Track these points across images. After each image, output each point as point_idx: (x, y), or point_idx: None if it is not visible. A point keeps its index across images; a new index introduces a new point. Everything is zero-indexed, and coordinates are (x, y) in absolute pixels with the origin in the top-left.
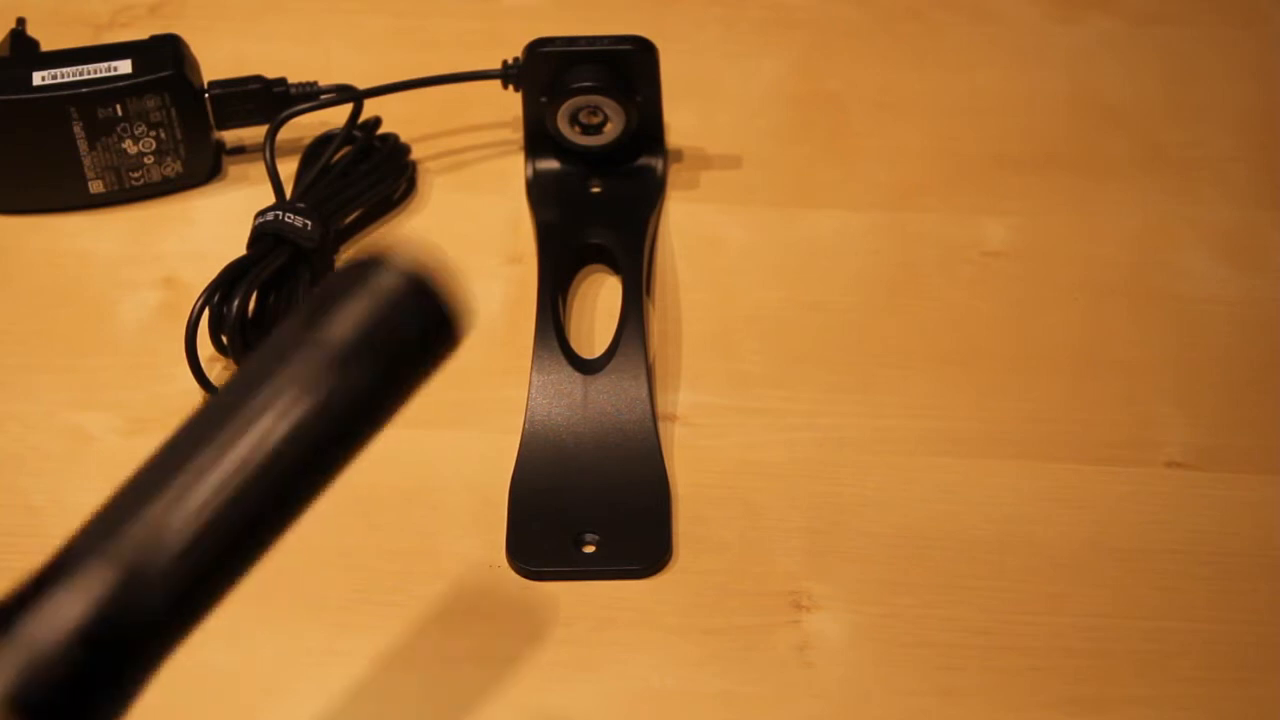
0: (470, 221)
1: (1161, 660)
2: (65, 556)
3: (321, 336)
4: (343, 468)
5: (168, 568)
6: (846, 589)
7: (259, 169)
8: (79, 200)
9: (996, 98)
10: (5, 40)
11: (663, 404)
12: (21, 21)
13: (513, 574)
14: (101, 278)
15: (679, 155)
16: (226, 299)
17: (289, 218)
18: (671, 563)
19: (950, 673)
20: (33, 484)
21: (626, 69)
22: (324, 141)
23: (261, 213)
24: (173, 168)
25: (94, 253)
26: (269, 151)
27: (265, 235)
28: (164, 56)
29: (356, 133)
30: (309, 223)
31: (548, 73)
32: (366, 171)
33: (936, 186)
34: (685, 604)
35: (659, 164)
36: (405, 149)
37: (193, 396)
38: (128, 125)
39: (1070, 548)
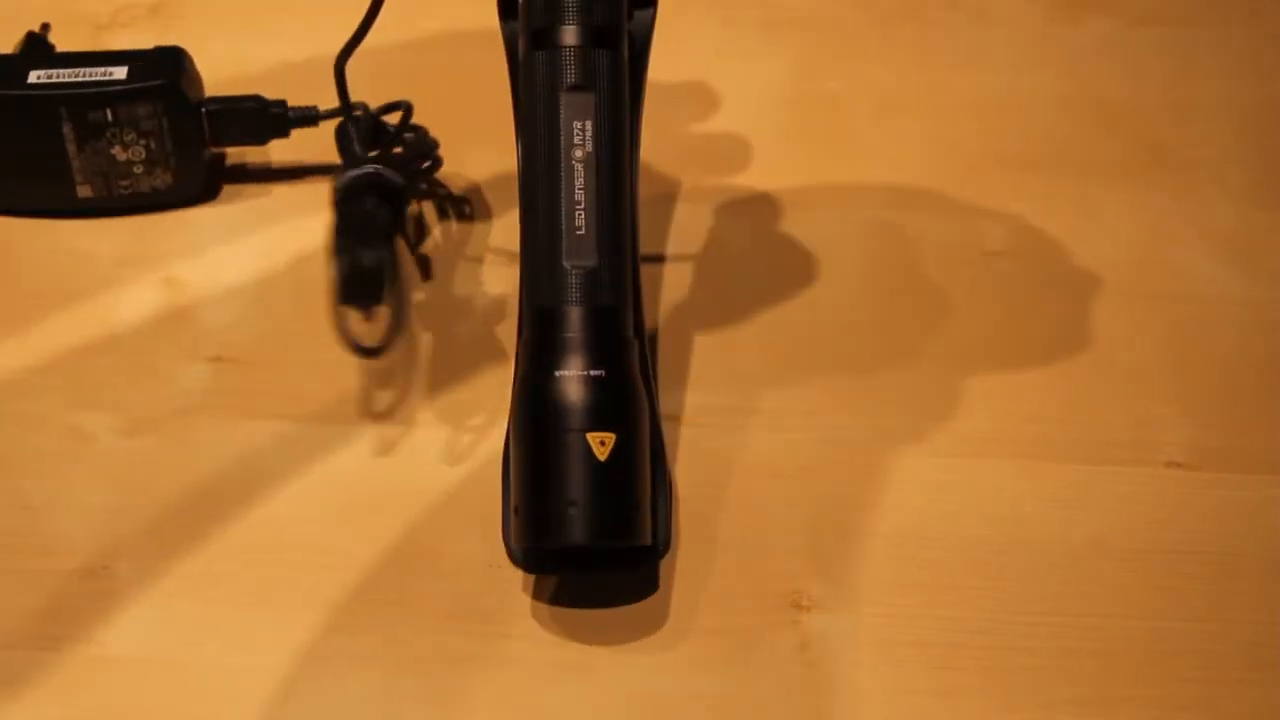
0: (471, 221)
1: (1161, 660)
2: None
3: None
4: None
5: None
6: (846, 589)
7: (255, 189)
8: (67, 203)
9: (996, 98)
10: (21, 40)
11: (665, 405)
12: (45, 27)
13: (512, 574)
14: (101, 278)
15: (679, 155)
16: (364, 250)
17: (374, 168)
18: (672, 563)
19: (950, 673)
20: (33, 484)
21: None
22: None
23: (341, 173)
24: (162, 179)
25: (94, 253)
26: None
27: (359, 187)
28: (162, 66)
29: (385, 121)
30: (375, 167)
31: None
32: (409, 154)
33: (936, 186)
34: (685, 604)
35: (649, 13)
36: (434, 143)
37: (193, 396)
38: (117, 131)
39: (1070, 548)
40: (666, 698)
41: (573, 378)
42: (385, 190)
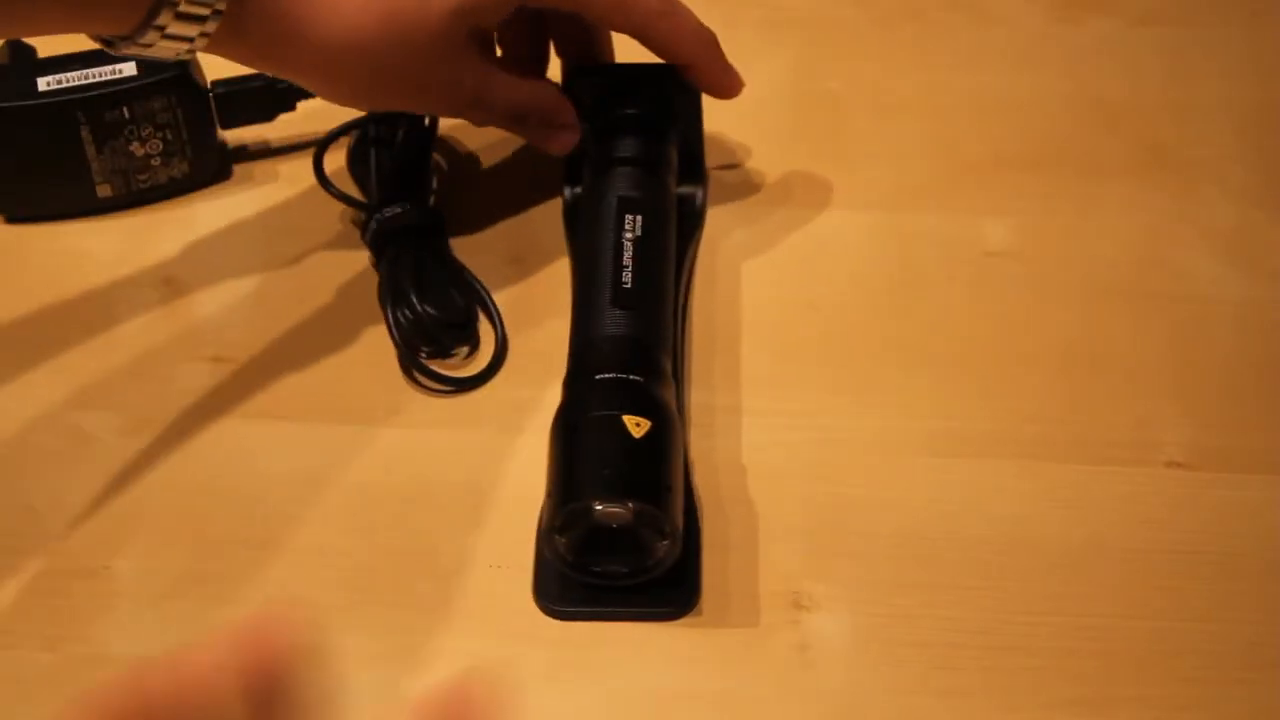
0: (472, 220)
1: (1161, 660)
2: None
3: None
4: None
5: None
6: (846, 589)
7: (263, 169)
8: (87, 204)
9: (996, 98)
10: (2, 48)
11: None
12: None
13: (513, 574)
14: (101, 278)
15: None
16: (409, 307)
17: (388, 211)
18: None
19: (950, 673)
20: (33, 484)
21: (669, 96)
22: (362, 143)
23: (364, 225)
24: (179, 169)
25: (94, 253)
26: (318, 168)
27: (386, 238)
28: None
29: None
30: (405, 205)
31: (590, 100)
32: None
33: (936, 186)
34: None
35: (699, 193)
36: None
37: (193, 396)
38: (135, 128)
39: (1070, 548)
40: (666, 697)
41: (612, 379)
42: (418, 227)
